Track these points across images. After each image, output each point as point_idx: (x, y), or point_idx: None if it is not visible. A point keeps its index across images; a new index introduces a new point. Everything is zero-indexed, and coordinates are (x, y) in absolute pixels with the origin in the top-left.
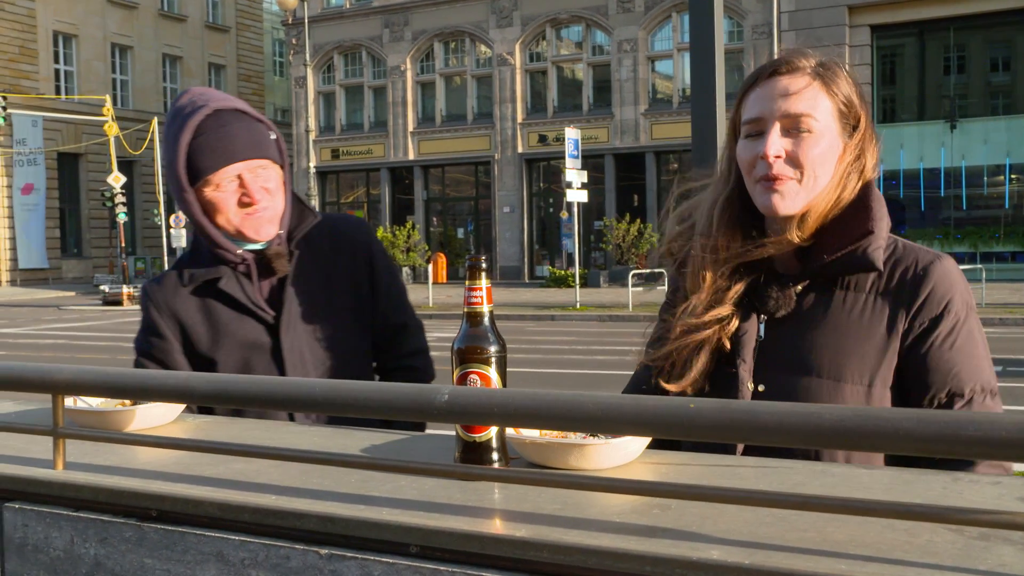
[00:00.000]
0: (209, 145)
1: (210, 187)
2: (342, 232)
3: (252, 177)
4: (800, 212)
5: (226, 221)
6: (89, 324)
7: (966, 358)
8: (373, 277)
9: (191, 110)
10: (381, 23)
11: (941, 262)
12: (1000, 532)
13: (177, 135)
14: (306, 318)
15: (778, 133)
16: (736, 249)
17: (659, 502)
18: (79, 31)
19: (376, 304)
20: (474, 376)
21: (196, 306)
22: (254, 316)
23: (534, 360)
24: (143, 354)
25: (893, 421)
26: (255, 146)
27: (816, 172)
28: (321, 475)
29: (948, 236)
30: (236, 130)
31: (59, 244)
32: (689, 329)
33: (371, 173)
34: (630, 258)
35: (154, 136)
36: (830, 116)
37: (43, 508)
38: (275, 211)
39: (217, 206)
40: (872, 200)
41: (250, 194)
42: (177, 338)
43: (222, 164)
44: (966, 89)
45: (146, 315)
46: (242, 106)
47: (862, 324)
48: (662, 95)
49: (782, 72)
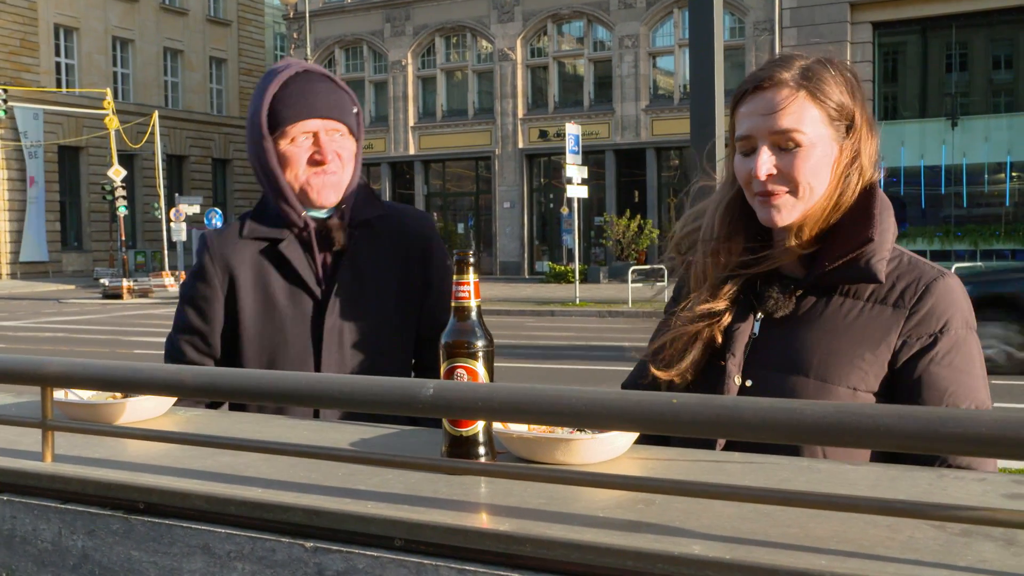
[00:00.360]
0: (292, 98)
1: (286, 139)
2: (404, 223)
3: (328, 139)
4: (799, 221)
5: (294, 177)
6: (89, 317)
7: (963, 377)
8: (427, 273)
9: (283, 68)
10: (382, 18)
11: (944, 279)
12: (981, 528)
13: (265, 86)
14: (353, 301)
15: (767, 151)
16: (737, 258)
17: (644, 497)
18: (80, 24)
19: (426, 300)
20: (460, 370)
21: (251, 263)
22: (303, 285)
23: (534, 355)
24: (184, 299)
25: (874, 417)
26: (336, 108)
27: (811, 183)
28: (309, 468)
29: (949, 234)
30: (321, 89)
31: (59, 237)
32: (684, 321)
33: (371, 168)
34: (630, 254)
35: (154, 130)
36: (820, 124)
37: (31, 500)
38: (341, 179)
39: (289, 159)
40: (876, 208)
41: (322, 152)
42: (223, 289)
43: (303, 117)
44: (968, 87)
45: (199, 260)
46: (331, 75)
47: (855, 330)
48: (663, 91)
49: (765, 87)
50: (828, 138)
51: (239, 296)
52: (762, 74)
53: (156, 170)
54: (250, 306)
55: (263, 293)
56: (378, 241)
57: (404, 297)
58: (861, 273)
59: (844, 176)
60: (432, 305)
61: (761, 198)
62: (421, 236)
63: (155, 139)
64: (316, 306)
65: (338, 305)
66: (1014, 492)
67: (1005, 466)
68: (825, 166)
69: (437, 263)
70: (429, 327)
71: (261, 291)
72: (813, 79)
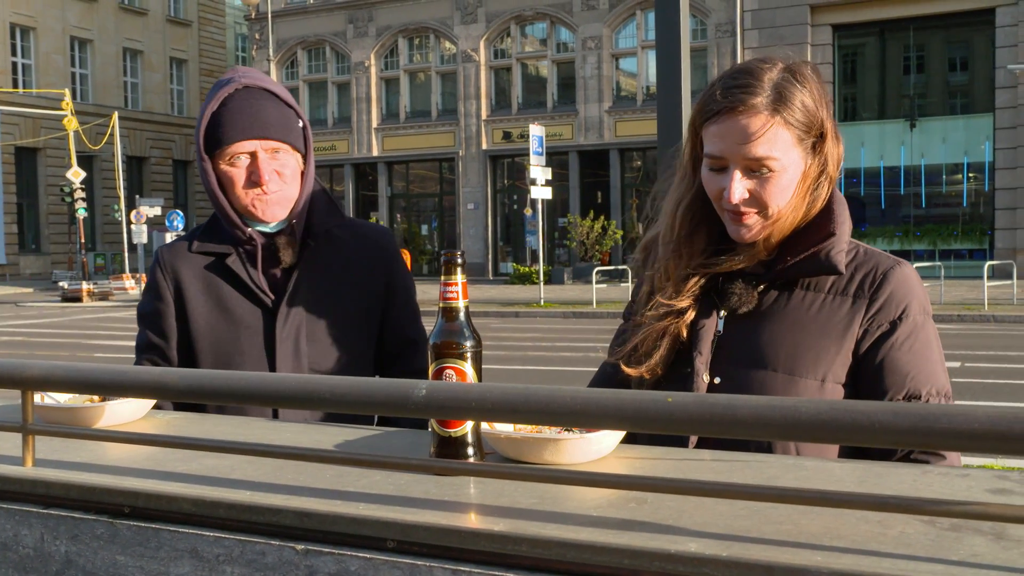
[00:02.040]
0: (230, 118)
1: (224, 160)
2: (366, 236)
3: (266, 157)
4: (766, 235)
5: (235, 198)
6: (48, 321)
7: (923, 362)
8: (389, 289)
9: (226, 82)
10: (345, 19)
11: (901, 268)
12: (971, 523)
13: (207, 104)
14: (308, 309)
15: (739, 176)
16: (699, 256)
17: (635, 496)
18: (37, 23)
19: (389, 316)
20: (449, 371)
21: (199, 276)
22: (253, 297)
23: (499, 356)
24: (140, 317)
25: (869, 414)
26: (275, 127)
27: (780, 204)
28: (296, 471)
29: (908, 234)
30: (259, 108)
31: (17, 240)
32: (650, 320)
33: (335, 169)
34: (594, 255)
35: (114, 131)
36: (791, 147)
37: (12, 505)
38: (285, 196)
39: (229, 179)
40: (835, 203)
41: (259, 173)
42: (174, 302)
43: (237, 138)
44: (925, 88)
45: (151, 275)
46: (276, 89)
47: (819, 322)
48: (626, 93)
49: (739, 111)
50: (798, 158)
51: (189, 307)
52: (734, 99)
53: (116, 172)
54: (203, 316)
55: (215, 304)
56: (337, 253)
57: (365, 311)
58: (822, 266)
59: (813, 189)
60: (397, 321)
61: (731, 215)
62: (383, 247)
63: (115, 140)
64: (269, 316)
65: (291, 315)
66: (998, 487)
67: (969, 461)
68: (794, 184)
69: (399, 279)
70: (394, 341)
71: (213, 302)
72: (785, 101)
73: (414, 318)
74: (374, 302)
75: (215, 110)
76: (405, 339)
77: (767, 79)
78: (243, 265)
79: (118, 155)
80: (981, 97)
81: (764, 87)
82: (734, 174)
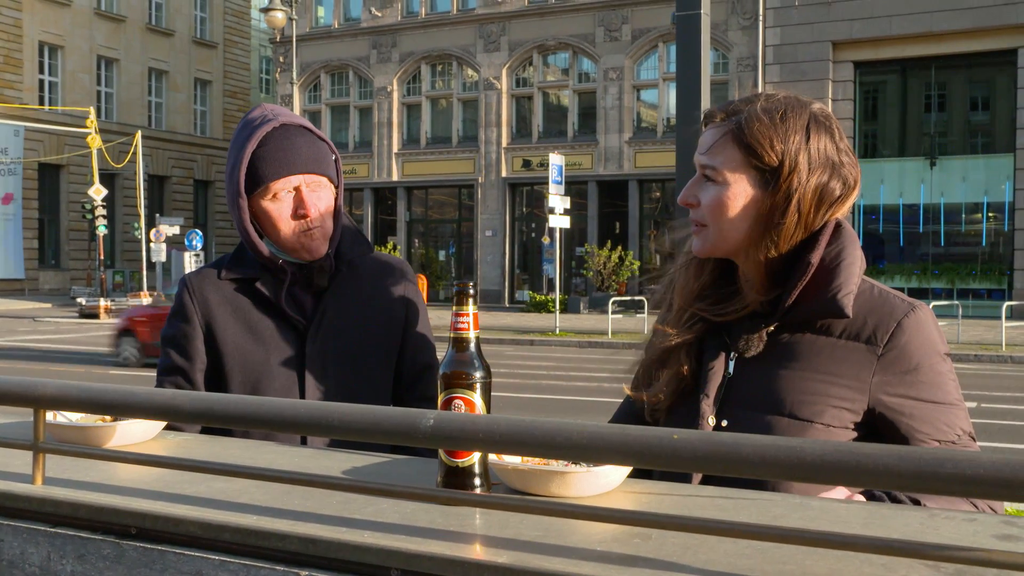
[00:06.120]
0: (273, 155)
1: (268, 196)
2: (389, 266)
3: (309, 192)
4: (717, 254)
5: (280, 235)
6: (65, 336)
7: (945, 406)
8: (407, 317)
9: (260, 122)
10: (369, 44)
11: (915, 313)
12: (974, 569)
13: (244, 143)
14: (336, 333)
15: (694, 181)
16: (702, 305)
17: (640, 531)
18: (65, 42)
19: (406, 343)
20: (458, 401)
21: (228, 299)
22: (284, 318)
23: (513, 384)
24: (165, 340)
25: (874, 457)
26: (316, 161)
27: (719, 220)
28: (303, 496)
29: (926, 272)
30: (300, 144)
31: (37, 255)
32: (654, 348)
33: (355, 193)
34: (611, 285)
35: (137, 149)
36: (738, 164)
37: (20, 523)
38: (326, 230)
39: (273, 216)
40: (844, 242)
41: (306, 206)
42: (202, 327)
43: (284, 174)
44: (946, 127)
45: (178, 300)
46: (308, 124)
47: (830, 368)
48: (647, 124)
49: (707, 126)
50: (746, 181)
51: (218, 330)
52: (707, 114)
53: (137, 190)
54: (232, 339)
55: (244, 327)
56: (363, 281)
57: (386, 339)
58: (829, 308)
59: (772, 223)
60: (413, 348)
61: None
62: (404, 276)
63: (137, 159)
64: (298, 336)
65: (321, 336)
66: (1004, 533)
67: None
68: (739, 207)
69: (416, 308)
70: (410, 368)
71: (242, 325)
72: (744, 123)
73: (429, 345)
74: (395, 328)
75: (254, 149)
76: (421, 364)
77: (746, 104)
78: (273, 287)
79: (140, 174)
80: (1002, 137)
81: (738, 108)
82: (693, 178)
